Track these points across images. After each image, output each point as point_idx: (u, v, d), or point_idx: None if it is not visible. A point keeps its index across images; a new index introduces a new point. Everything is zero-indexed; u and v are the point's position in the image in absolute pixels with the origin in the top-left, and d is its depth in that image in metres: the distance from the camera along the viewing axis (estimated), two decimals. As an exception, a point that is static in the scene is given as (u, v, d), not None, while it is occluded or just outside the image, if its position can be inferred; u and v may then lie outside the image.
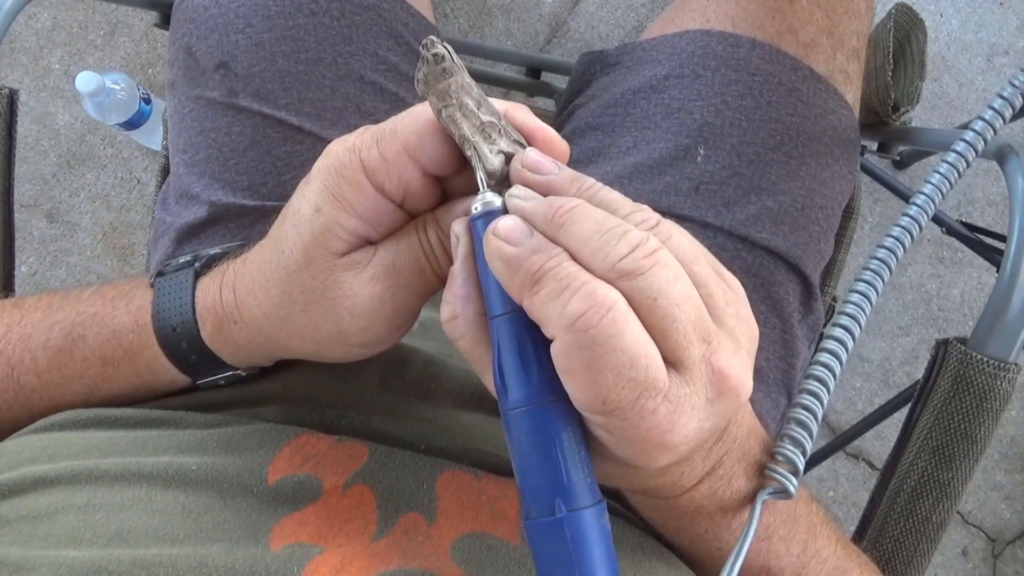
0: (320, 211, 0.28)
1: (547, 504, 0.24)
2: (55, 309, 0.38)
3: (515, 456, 0.25)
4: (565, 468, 0.24)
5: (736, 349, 0.25)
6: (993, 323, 0.43)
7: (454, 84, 0.27)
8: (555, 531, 0.24)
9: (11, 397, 0.38)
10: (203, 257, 0.37)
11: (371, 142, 0.28)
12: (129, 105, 1.06)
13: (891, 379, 1.19)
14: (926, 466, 0.45)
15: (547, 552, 0.24)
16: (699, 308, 0.24)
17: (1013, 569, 1.17)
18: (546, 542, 0.24)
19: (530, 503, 0.25)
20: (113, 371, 0.36)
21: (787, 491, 0.32)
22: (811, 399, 0.34)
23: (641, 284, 0.23)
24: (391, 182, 0.28)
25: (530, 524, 0.25)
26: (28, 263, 1.20)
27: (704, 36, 0.50)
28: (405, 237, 0.30)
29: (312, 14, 0.48)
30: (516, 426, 0.25)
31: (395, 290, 0.29)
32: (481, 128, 0.27)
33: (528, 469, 0.25)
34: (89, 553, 0.28)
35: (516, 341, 0.25)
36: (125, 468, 0.32)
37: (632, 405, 0.23)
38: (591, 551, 0.24)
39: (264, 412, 0.38)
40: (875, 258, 0.38)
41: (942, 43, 1.20)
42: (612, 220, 0.24)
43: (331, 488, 0.32)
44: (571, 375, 0.23)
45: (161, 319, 0.35)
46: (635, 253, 0.23)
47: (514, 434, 0.25)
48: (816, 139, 0.50)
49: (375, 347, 0.32)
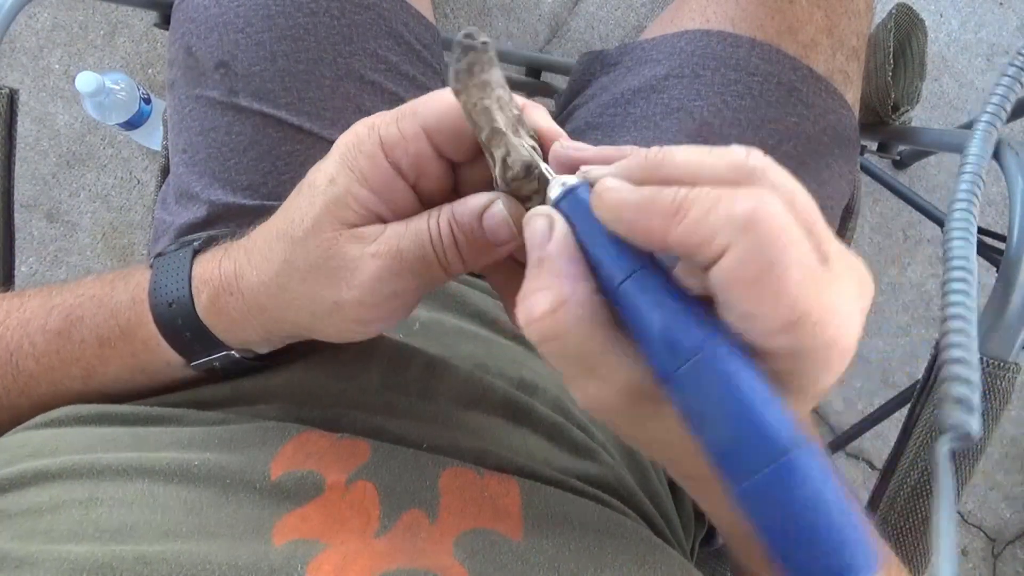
0: (334, 181, 0.29)
1: (764, 453, 0.21)
2: (55, 295, 0.38)
3: (702, 419, 0.22)
4: (774, 404, 0.21)
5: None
6: (993, 323, 0.43)
7: (495, 76, 0.27)
8: (783, 482, 0.20)
9: (10, 383, 0.38)
10: (204, 237, 0.37)
11: (391, 119, 0.29)
12: (129, 105, 1.06)
13: (891, 379, 1.20)
14: (926, 466, 0.45)
15: (775, 512, 0.21)
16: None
17: (1013, 569, 1.17)
18: (773, 499, 0.21)
19: (739, 464, 0.21)
20: (110, 352, 0.36)
21: (970, 435, 0.29)
22: (958, 327, 0.32)
23: (774, 179, 0.22)
24: (407, 159, 0.29)
25: (747, 488, 0.21)
26: (28, 263, 1.20)
27: (704, 36, 0.50)
28: (415, 222, 0.30)
29: (312, 14, 0.48)
30: (700, 379, 0.22)
31: (396, 270, 0.29)
32: (513, 122, 0.27)
33: (726, 423, 0.21)
34: (91, 548, 0.28)
35: (660, 293, 0.23)
36: (127, 463, 0.32)
37: (816, 306, 0.21)
38: (827, 491, 0.21)
39: (266, 410, 0.38)
40: (966, 172, 0.37)
41: (942, 43, 1.20)
42: (701, 149, 0.23)
43: (333, 484, 0.32)
44: (757, 286, 0.21)
45: (157, 295, 0.35)
46: (750, 158, 0.22)
47: (697, 392, 0.22)
48: (816, 139, 0.50)
49: (368, 326, 0.32)
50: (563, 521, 0.34)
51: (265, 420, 0.36)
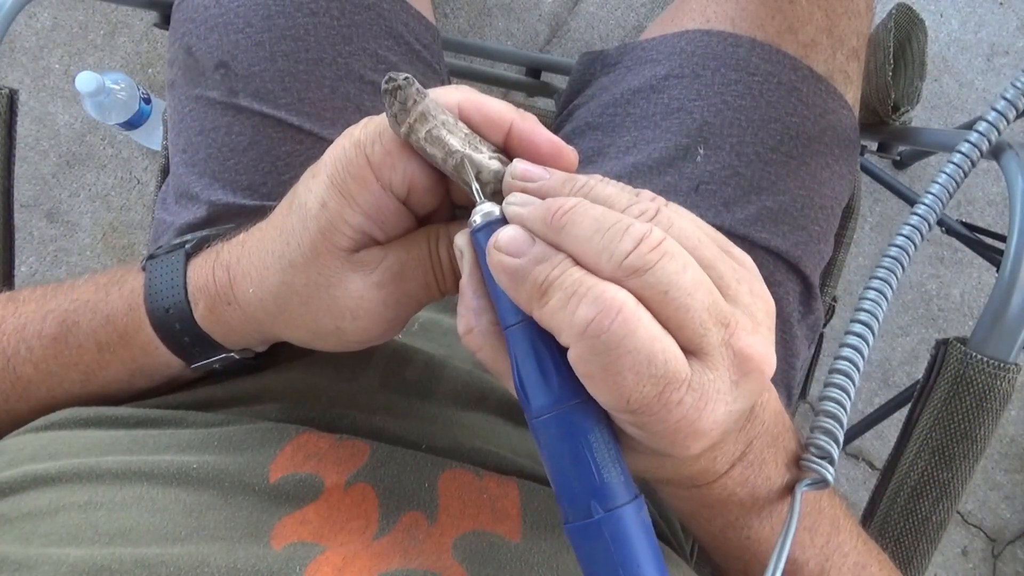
0: (326, 206, 0.29)
1: (583, 507, 0.24)
2: (48, 299, 0.38)
3: (546, 462, 0.25)
4: (597, 469, 0.24)
5: (755, 327, 0.24)
6: (993, 323, 0.43)
7: (431, 103, 0.27)
8: (594, 532, 0.24)
9: (8, 388, 0.38)
10: (194, 239, 0.37)
11: (374, 135, 0.28)
12: (129, 105, 1.06)
13: (891, 379, 1.19)
14: (926, 466, 0.45)
15: (589, 554, 0.24)
16: (711, 292, 0.24)
17: (1013, 569, 1.17)
18: (587, 544, 0.24)
19: (567, 507, 0.25)
20: (109, 356, 0.36)
21: (825, 480, 0.32)
22: (838, 392, 0.34)
23: (650, 279, 0.23)
24: (396, 176, 0.28)
25: (569, 528, 0.25)
26: (28, 263, 1.20)
27: (704, 36, 0.50)
28: (416, 247, 0.30)
29: (312, 14, 0.48)
30: (543, 433, 0.25)
31: (399, 297, 0.30)
32: (467, 140, 0.28)
33: (560, 473, 0.25)
34: (90, 552, 0.28)
35: (532, 349, 0.25)
36: (126, 466, 0.32)
37: (657, 400, 0.23)
38: (633, 548, 0.24)
39: (265, 411, 0.38)
40: (888, 256, 0.39)
41: (942, 43, 1.20)
42: (612, 216, 0.24)
43: (332, 487, 0.32)
44: (591, 379, 0.23)
45: (153, 301, 0.35)
46: (640, 248, 0.23)
47: (542, 441, 0.25)
48: (816, 139, 0.50)
49: (367, 343, 0.32)
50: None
51: (264, 421, 0.36)
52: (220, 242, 0.35)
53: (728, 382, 0.24)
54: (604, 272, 0.23)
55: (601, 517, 0.24)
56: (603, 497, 0.24)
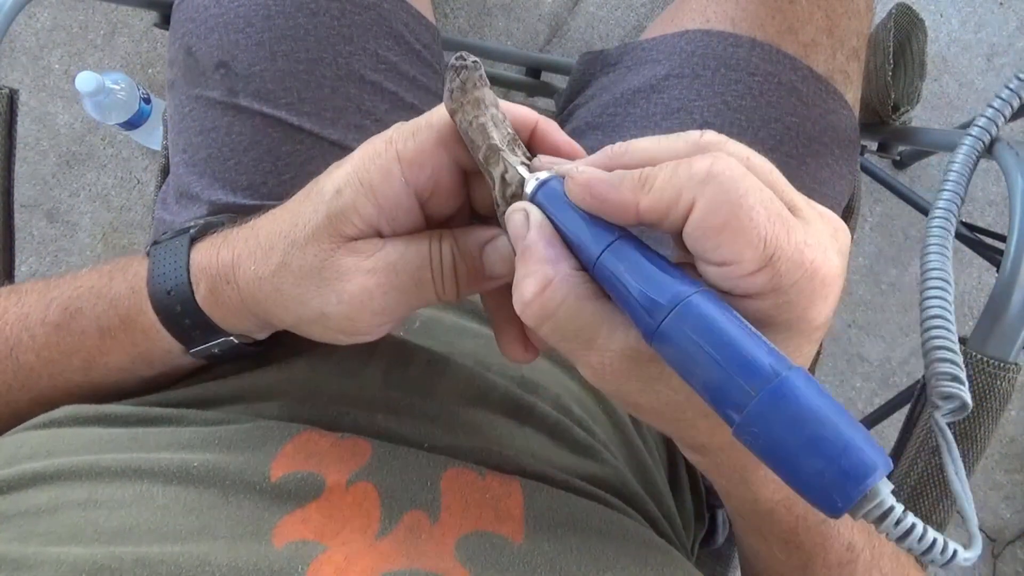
0: (341, 193, 0.29)
1: (753, 381, 0.21)
2: (52, 288, 0.38)
3: (692, 365, 0.23)
4: (754, 338, 0.22)
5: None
6: (993, 323, 0.43)
7: (489, 94, 0.28)
8: (778, 403, 0.21)
9: (10, 378, 0.38)
10: (198, 224, 0.37)
11: (408, 133, 0.29)
12: (129, 105, 1.06)
13: (891, 379, 1.20)
14: (926, 466, 0.45)
15: (777, 437, 0.21)
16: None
17: (1013, 569, 1.17)
18: (772, 425, 0.21)
19: (732, 398, 0.22)
20: (111, 342, 0.37)
21: (964, 405, 0.32)
22: (939, 329, 0.34)
23: (729, 148, 0.24)
24: (424, 173, 0.29)
25: (745, 417, 0.21)
26: (28, 263, 1.20)
27: (704, 36, 0.50)
28: (416, 243, 0.30)
29: (312, 14, 0.48)
30: (682, 328, 0.23)
31: (387, 289, 0.29)
32: (507, 139, 0.28)
33: (713, 363, 0.22)
34: (90, 550, 0.28)
35: (636, 258, 0.24)
36: (126, 464, 0.32)
37: (787, 239, 0.22)
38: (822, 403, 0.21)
39: (266, 409, 0.38)
40: (932, 236, 0.40)
41: (942, 43, 1.20)
42: (660, 136, 0.25)
43: (334, 485, 0.32)
44: (725, 230, 0.22)
45: (156, 283, 0.35)
46: (705, 137, 0.24)
47: (681, 341, 0.23)
48: (816, 139, 0.50)
49: (351, 337, 0.32)
50: (565, 523, 0.34)
51: (265, 420, 0.36)
52: (231, 226, 0.36)
53: (826, 232, 0.24)
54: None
55: (782, 378, 0.21)
56: (779, 356, 0.22)
